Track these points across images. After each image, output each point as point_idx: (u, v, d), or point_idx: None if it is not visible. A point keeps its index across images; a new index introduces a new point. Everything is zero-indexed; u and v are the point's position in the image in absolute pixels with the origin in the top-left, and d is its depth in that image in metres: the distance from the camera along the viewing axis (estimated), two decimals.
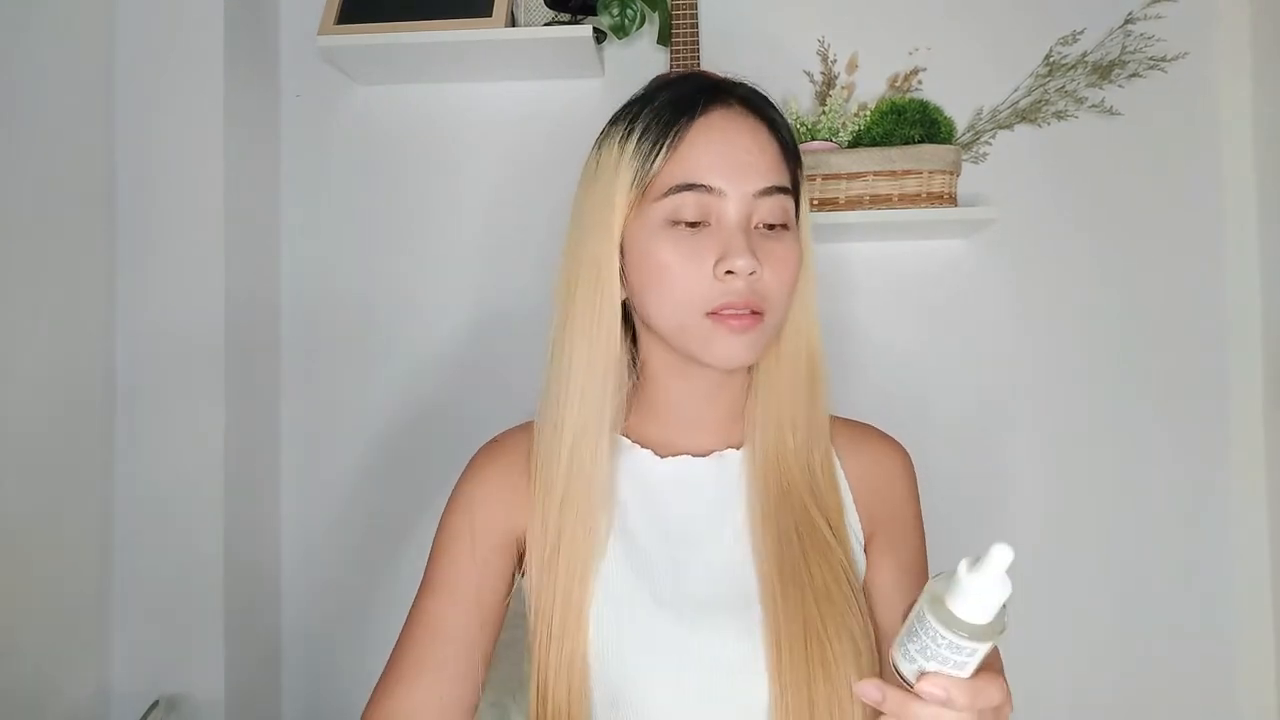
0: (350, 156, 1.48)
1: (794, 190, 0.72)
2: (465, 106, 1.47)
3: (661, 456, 0.75)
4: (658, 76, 0.75)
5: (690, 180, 0.67)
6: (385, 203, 1.48)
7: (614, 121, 0.73)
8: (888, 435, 0.80)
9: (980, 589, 0.45)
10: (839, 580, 0.69)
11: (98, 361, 1.25)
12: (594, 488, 0.70)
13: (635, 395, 0.77)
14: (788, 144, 0.73)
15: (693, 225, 0.67)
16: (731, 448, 0.75)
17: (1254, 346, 1.38)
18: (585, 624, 0.69)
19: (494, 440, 0.80)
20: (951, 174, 1.31)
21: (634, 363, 0.76)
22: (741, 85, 0.73)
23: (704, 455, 0.75)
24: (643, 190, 0.69)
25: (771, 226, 0.69)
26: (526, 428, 0.78)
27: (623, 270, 0.71)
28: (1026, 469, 1.40)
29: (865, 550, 0.75)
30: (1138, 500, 1.39)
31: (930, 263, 1.42)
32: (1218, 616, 1.37)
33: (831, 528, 0.71)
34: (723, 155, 0.68)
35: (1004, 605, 0.46)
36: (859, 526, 0.75)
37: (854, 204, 1.31)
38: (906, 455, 0.79)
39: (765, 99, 0.73)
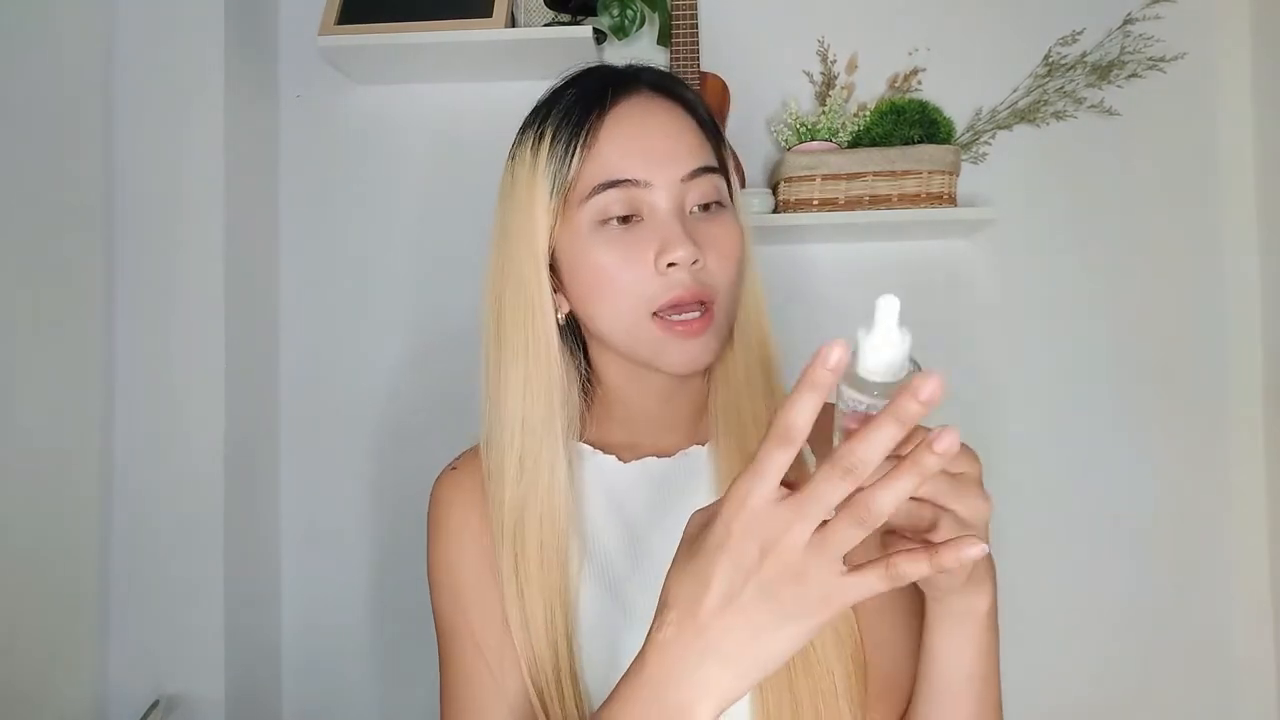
0: (351, 157, 1.48)
1: (722, 169, 0.69)
2: (465, 106, 1.47)
3: (625, 461, 0.72)
4: (562, 76, 0.71)
5: (612, 177, 0.63)
6: (385, 202, 1.48)
7: (523, 129, 0.69)
8: None
9: (881, 343, 0.42)
10: None
11: (96, 359, 1.25)
12: (557, 515, 0.66)
13: (593, 404, 0.74)
14: (706, 122, 0.69)
15: (624, 221, 0.64)
16: (697, 444, 0.72)
17: (1254, 345, 1.38)
18: (576, 678, 0.65)
19: (451, 468, 0.76)
20: (951, 174, 1.31)
21: (588, 374, 0.73)
22: (648, 70, 0.70)
23: (668, 455, 0.72)
24: (565, 197, 0.65)
25: (706, 207, 0.66)
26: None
27: (561, 283, 0.68)
28: (1026, 468, 1.40)
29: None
30: (1137, 499, 1.39)
31: (930, 263, 1.42)
32: (1218, 616, 1.37)
33: None
34: (642, 145, 0.64)
35: (912, 359, 0.43)
36: None
37: (854, 204, 1.31)
38: None
39: (674, 79, 0.70)
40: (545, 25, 1.37)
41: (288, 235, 1.48)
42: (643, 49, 1.44)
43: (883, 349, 0.43)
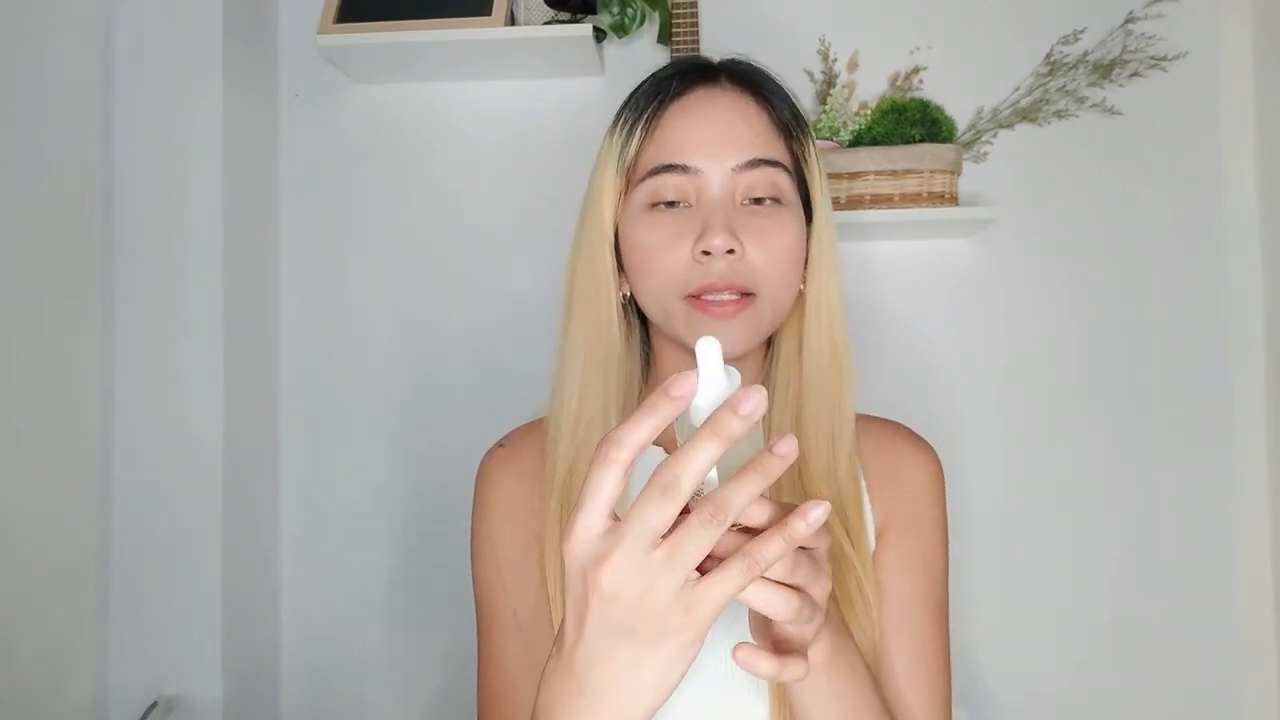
0: (350, 156, 1.48)
1: (795, 165, 0.69)
2: (465, 106, 1.47)
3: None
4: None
5: (666, 161, 0.65)
6: (385, 202, 1.47)
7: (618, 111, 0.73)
8: (917, 436, 0.77)
9: (708, 387, 0.41)
10: (847, 597, 0.64)
11: (95, 361, 1.25)
12: None
13: (649, 388, 0.73)
14: (782, 117, 0.69)
15: (671, 205, 0.66)
16: None
17: (1256, 344, 1.38)
18: None
19: (500, 444, 0.76)
20: (952, 173, 1.30)
21: (649, 357, 0.74)
22: (737, 62, 0.71)
23: None
24: (627, 177, 0.68)
25: (759, 201, 0.66)
26: (537, 425, 0.75)
27: (623, 261, 0.70)
28: (1027, 467, 1.40)
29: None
30: (1140, 497, 1.38)
31: (931, 262, 1.41)
32: (1220, 615, 1.37)
33: (851, 538, 0.67)
34: (700, 133, 0.66)
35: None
36: (872, 522, 0.71)
37: (855, 203, 1.31)
38: (934, 458, 0.75)
39: (760, 72, 0.71)
40: (545, 23, 1.37)
41: (287, 234, 1.48)
42: (643, 47, 1.44)
43: (710, 393, 0.41)
